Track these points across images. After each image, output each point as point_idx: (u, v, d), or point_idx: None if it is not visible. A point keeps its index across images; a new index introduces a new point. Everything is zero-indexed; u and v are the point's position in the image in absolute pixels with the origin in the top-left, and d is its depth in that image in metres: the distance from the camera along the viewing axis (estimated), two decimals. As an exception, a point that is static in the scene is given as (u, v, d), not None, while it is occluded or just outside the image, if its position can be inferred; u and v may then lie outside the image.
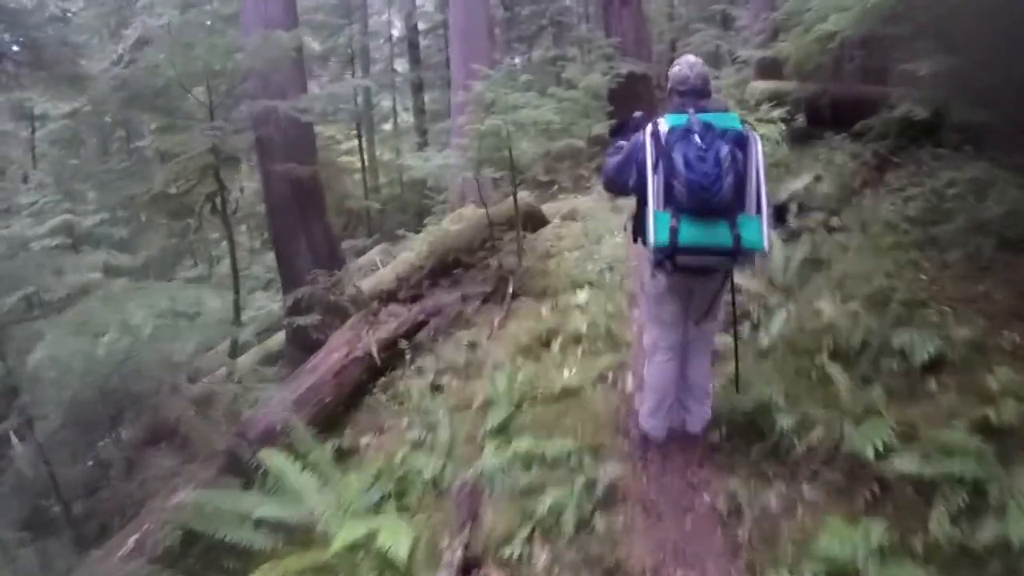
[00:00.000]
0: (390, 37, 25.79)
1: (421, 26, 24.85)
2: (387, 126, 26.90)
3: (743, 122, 3.60)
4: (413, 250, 10.16)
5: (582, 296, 7.23)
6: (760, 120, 9.79)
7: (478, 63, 12.03)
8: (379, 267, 11.55)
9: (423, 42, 25.01)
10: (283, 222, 9.70)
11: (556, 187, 15.21)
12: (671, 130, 3.50)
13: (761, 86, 10.65)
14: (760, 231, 3.48)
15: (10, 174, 16.32)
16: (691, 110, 3.57)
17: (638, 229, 3.85)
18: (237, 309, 8.69)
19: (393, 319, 8.28)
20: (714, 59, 19.98)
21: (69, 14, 16.93)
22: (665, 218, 3.44)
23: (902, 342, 4.52)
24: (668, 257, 3.56)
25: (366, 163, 22.35)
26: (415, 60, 23.84)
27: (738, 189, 3.40)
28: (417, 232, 12.45)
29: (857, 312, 5.03)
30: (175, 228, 12.09)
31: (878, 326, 4.77)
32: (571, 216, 11.59)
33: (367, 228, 19.80)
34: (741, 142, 3.44)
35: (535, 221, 10.43)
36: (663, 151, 3.44)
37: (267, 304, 12.14)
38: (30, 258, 6.98)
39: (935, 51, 7.29)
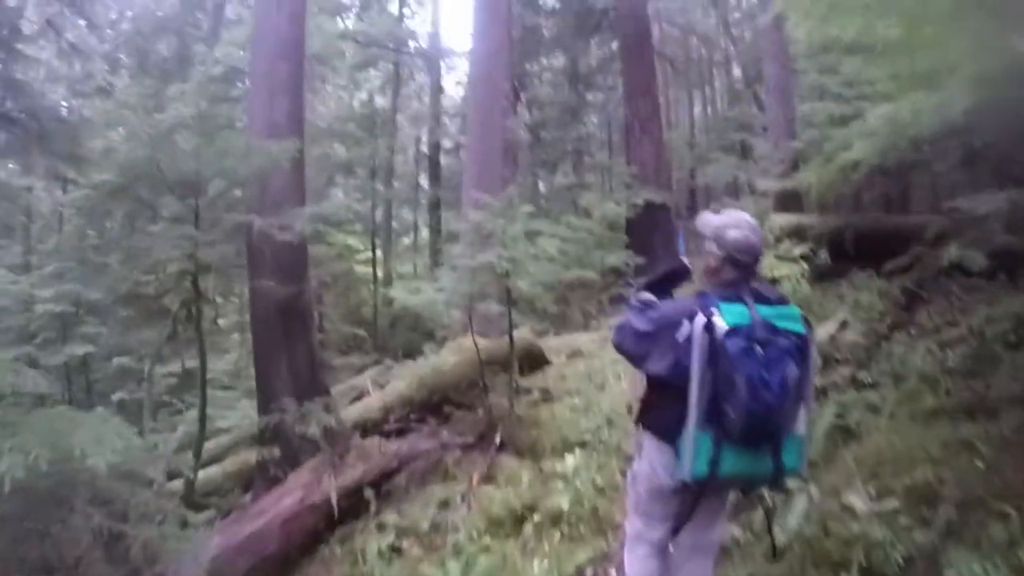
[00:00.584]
0: (417, 152, 25.68)
1: (445, 144, 24.75)
2: (407, 240, 26.72)
3: (804, 318, 2.95)
4: (404, 380, 9.42)
5: (570, 462, 6.21)
6: (781, 258, 8.96)
7: (490, 186, 11.57)
8: (370, 392, 10.82)
9: (444, 160, 24.92)
10: (265, 340, 9.07)
11: (565, 320, 14.27)
12: (731, 332, 2.72)
13: (781, 220, 9.87)
14: (801, 452, 2.93)
15: (36, 232, 16.20)
16: (748, 297, 2.88)
17: (652, 422, 3.16)
18: (203, 421, 8.00)
19: (361, 463, 7.37)
20: (733, 189, 19.50)
21: (111, 86, 16.97)
22: (707, 444, 2.77)
23: (958, 572, 3.40)
24: (704, 483, 2.86)
25: (380, 276, 22.02)
26: (435, 178, 23.77)
27: (795, 411, 2.85)
28: (420, 355, 11.66)
29: (896, 513, 3.96)
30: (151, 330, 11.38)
31: (925, 538, 3.69)
32: (576, 354, 10.71)
33: (373, 343, 19.07)
34: (804, 351, 2.83)
35: (534, 360, 9.56)
36: (720, 363, 2.72)
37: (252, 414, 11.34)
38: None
39: (993, 183, 6.63)
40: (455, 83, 27.62)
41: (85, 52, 17.34)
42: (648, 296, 3.26)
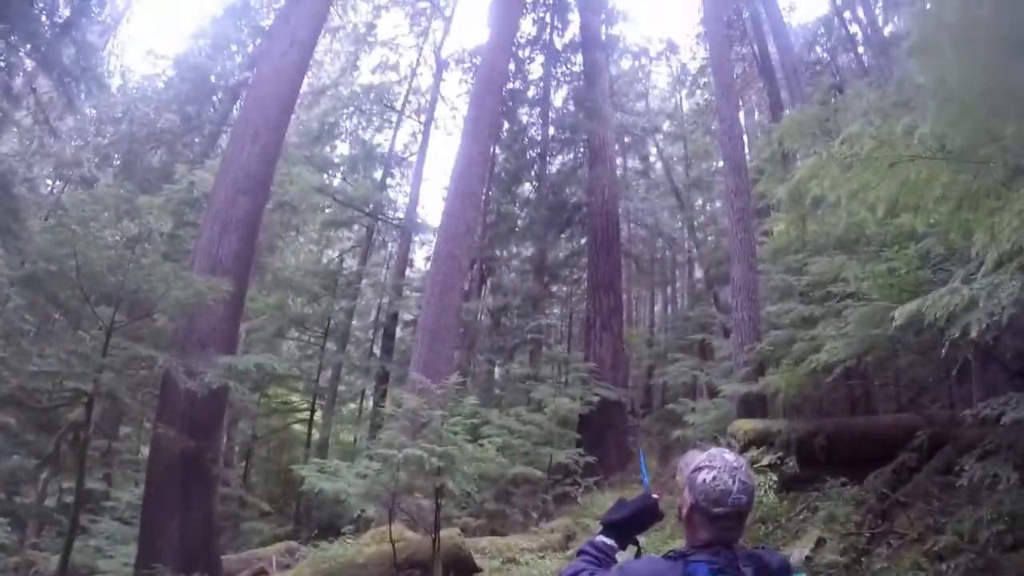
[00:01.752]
0: (376, 320, 24.92)
1: (405, 316, 24.03)
2: (354, 405, 25.44)
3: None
4: (311, 567, 8.03)
5: None
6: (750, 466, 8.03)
7: (438, 368, 10.81)
8: (273, 568, 9.46)
9: (401, 333, 24.17)
10: (158, 492, 8.09)
11: (504, 518, 12.93)
12: None
13: (746, 426, 9.04)
14: None
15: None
16: (740, 561, 1.97)
17: None
18: (66, 556, 6.76)
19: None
20: (691, 390, 18.75)
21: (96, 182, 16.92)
22: None
23: None
24: None
25: (317, 439, 20.58)
26: (387, 349, 22.73)
27: None
28: (339, 536, 10.31)
29: None
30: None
31: None
32: (510, 561, 9.41)
33: (295, 510, 17.54)
34: None
35: (461, 566, 8.22)
36: None
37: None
38: None
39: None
40: (424, 258, 27.41)
41: (63, 136, 17.12)
42: (608, 542, 2.27)
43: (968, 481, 5.39)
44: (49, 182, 19.11)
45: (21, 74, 11.67)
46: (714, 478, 2.04)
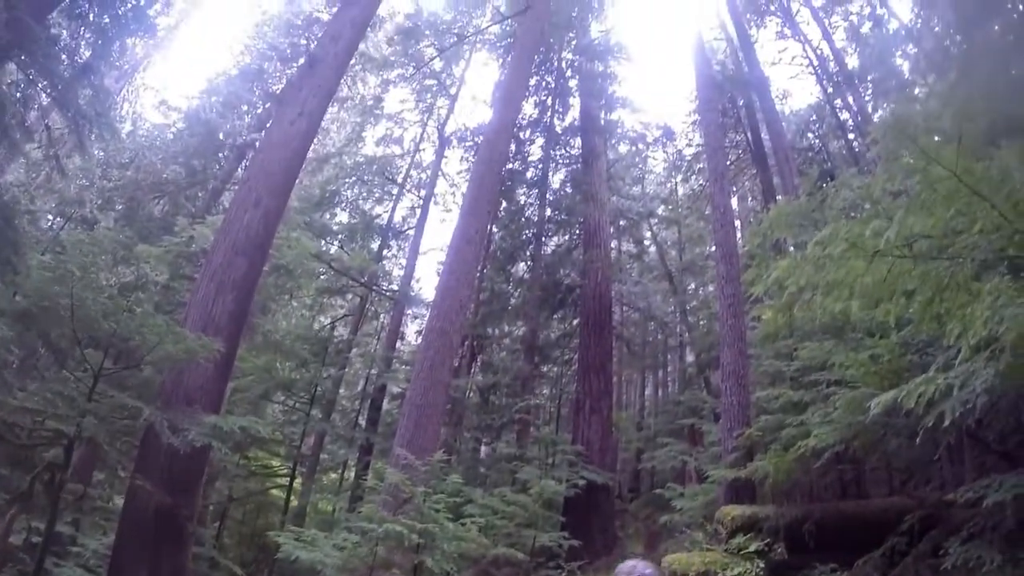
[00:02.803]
0: (363, 391, 24.72)
1: (393, 390, 23.94)
2: (335, 475, 25.08)
3: None
4: None
5: None
6: (733, 555, 8.05)
7: (423, 444, 10.82)
8: None
9: (388, 406, 23.88)
10: (129, 545, 7.86)
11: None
12: None
13: (734, 512, 9.06)
14: None
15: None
16: None
17: None
18: None
19: None
20: (680, 475, 18.69)
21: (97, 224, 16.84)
22: None
23: None
24: None
25: (295, 506, 20.11)
26: (373, 421, 22.46)
27: None
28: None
29: None
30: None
31: None
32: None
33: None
34: None
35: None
36: None
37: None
38: None
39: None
40: (416, 331, 27.58)
41: (69, 175, 17.29)
42: None
43: (952, 565, 5.45)
44: (50, 217, 19.23)
45: (36, 108, 11.95)
46: None
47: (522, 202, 25.45)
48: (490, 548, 12.61)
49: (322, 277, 22.62)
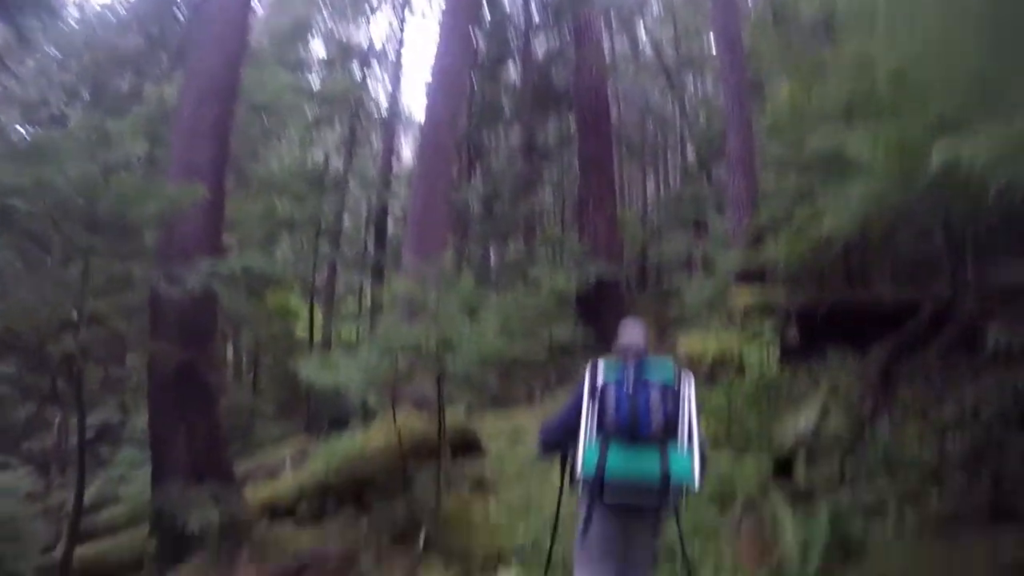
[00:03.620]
0: (367, 216, 24.47)
1: (396, 211, 23.69)
2: (352, 301, 25.37)
3: (675, 366, 3.56)
4: (323, 460, 8.15)
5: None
6: (748, 339, 7.90)
7: (431, 254, 10.51)
8: (287, 468, 9.60)
9: (394, 228, 23.74)
10: (161, 408, 7.94)
11: (507, 397, 12.96)
12: (607, 369, 3.51)
13: (745, 298, 8.93)
14: (690, 466, 3.25)
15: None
16: (630, 360, 3.52)
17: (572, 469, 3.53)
18: (80, 493, 6.53)
19: (254, 568, 6.02)
20: (687, 267, 18.62)
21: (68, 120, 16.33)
22: (595, 447, 3.31)
23: None
24: (597, 489, 3.33)
25: (320, 339, 20.68)
26: (380, 243, 22.38)
27: (669, 427, 3.32)
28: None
29: None
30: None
31: None
32: (517, 436, 9.43)
33: (306, 410, 17.44)
34: (672, 384, 3.43)
35: (469, 445, 8.24)
36: (599, 397, 3.42)
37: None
38: None
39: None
40: (411, 152, 26.68)
41: (26, 80, 16.26)
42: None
43: (992, 352, 5.27)
44: (18, 128, 17.98)
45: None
46: (625, 337, 3.79)
47: (507, 9, 23.64)
48: (508, 348, 12.72)
49: (308, 113, 21.61)
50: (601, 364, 3.54)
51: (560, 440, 3.65)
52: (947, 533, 4.27)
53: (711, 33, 18.35)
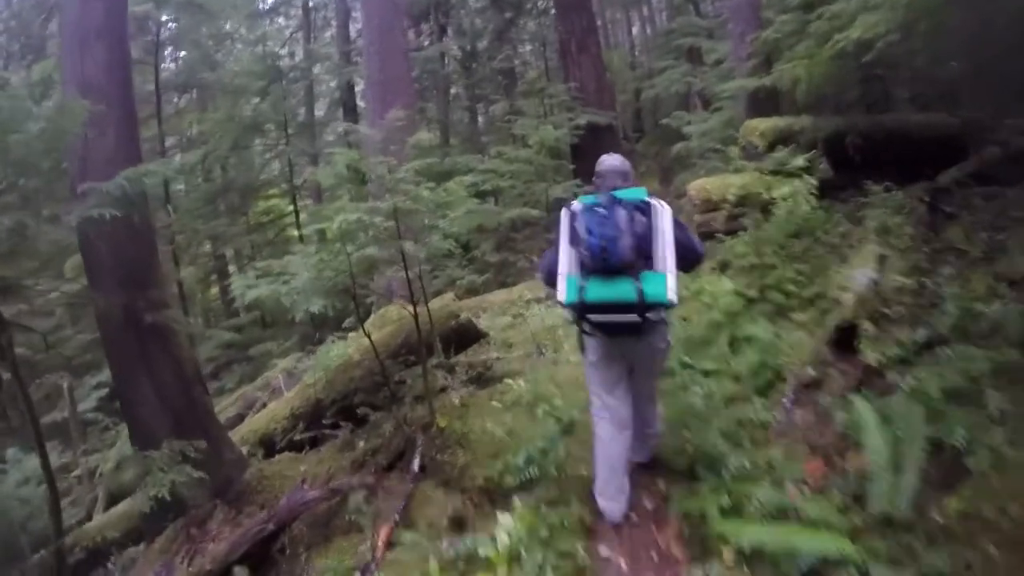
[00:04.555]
0: (337, 100, 22.28)
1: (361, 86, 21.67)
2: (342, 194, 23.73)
3: (649, 195, 3.53)
4: (312, 376, 7.09)
5: (506, 530, 3.63)
6: (777, 173, 6.50)
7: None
8: (282, 388, 8.59)
9: (361, 103, 21.70)
10: (119, 363, 6.68)
11: (508, 268, 11.71)
12: (583, 207, 3.51)
13: (763, 125, 7.41)
14: (664, 285, 3.34)
15: None
16: (604, 189, 3.61)
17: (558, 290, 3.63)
18: (48, 473, 5.44)
19: (228, 531, 4.99)
20: (684, 104, 16.83)
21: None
22: (574, 280, 3.48)
23: None
24: (580, 315, 3.53)
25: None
26: (355, 123, 20.52)
27: (640, 250, 3.37)
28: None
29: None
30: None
31: None
32: (520, 313, 8.28)
33: (309, 318, 16.29)
34: (643, 209, 3.44)
35: (464, 334, 7.03)
36: (574, 225, 3.47)
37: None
38: None
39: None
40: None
41: None
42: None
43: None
44: None
45: None
46: (605, 162, 3.79)
47: None
48: (502, 212, 11.47)
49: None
50: (576, 201, 3.60)
51: (554, 278, 3.61)
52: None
53: None
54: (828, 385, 4.25)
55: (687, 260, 3.52)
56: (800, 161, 6.44)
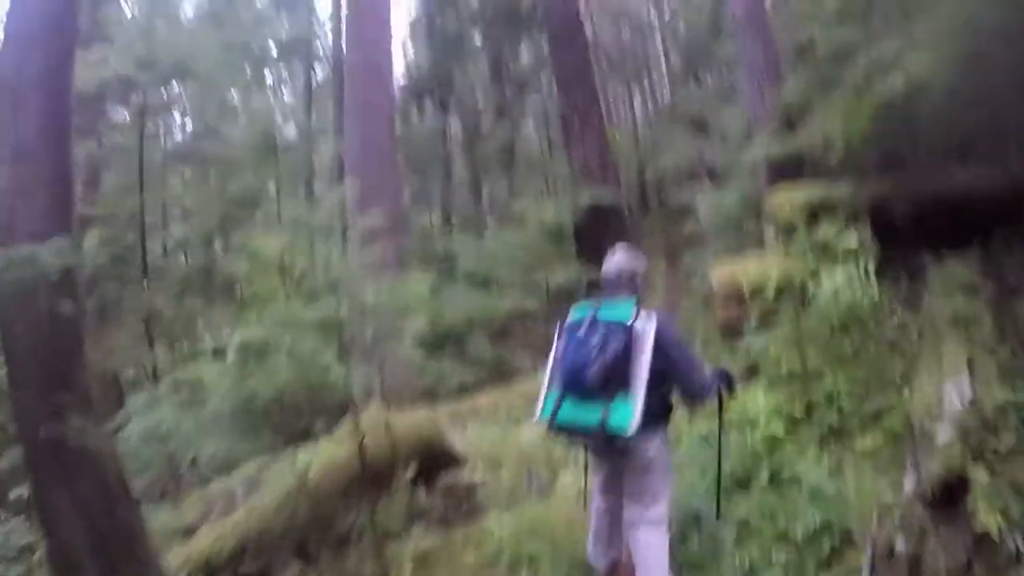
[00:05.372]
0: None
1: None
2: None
3: (637, 310, 3.24)
4: (273, 491, 5.73)
5: None
6: (824, 252, 5.22)
7: (378, 203, 8.08)
8: (239, 501, 7.04)
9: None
10: (36, 472, 5.39)
11: (504, 366, 10.31)
12: (569, 324, 3.38)
13: (791, 197, 6.12)
14: (628, 415, 3.07)
15: None
16: (599, 301, 3.45)
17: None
18: None
19: None
20: (691, 175, 15.68)
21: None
22: (552, 397, 3.33)
23: None
24: (553, 430, 3.42)
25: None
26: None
27: (614, 376, 3.12)
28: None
29: None
30: None
31: None
32: (512, 419, 7.00)
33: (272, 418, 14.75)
34: (623, 332, 3.16)
35: (438, 457, 5.70)
36: (559, 341, 3.40)
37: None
38: None
39: None
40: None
41: None
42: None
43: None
44: None
45: None
46: (606, 266, 3.55)
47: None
48: (495, 305, 10.27)
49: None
50: (573, 308, 3.50)
51: None
52: None
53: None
54: (927, 562, 2.88)
55: (684, 394, 3.33)
56: (852, 239, 5.06)
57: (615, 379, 3.14)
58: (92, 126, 12.81)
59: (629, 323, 3.20)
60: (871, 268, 4.75)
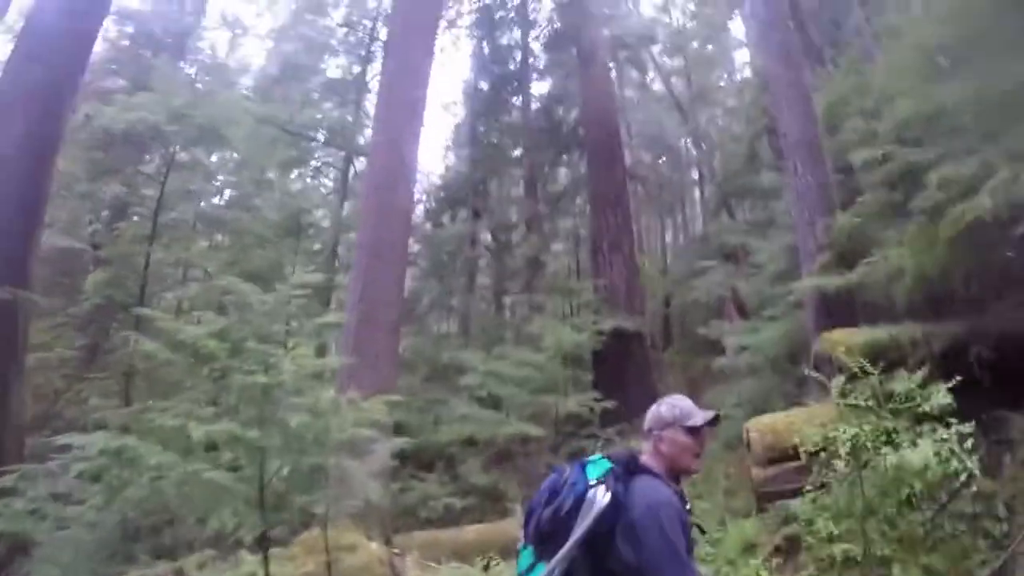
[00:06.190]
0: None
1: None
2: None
3: (606, 473, 2.48)
4: None
5: None
6: (899, 406, 4.17)
7: (383, 293, 7.38)
8: None
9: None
10: None
11: (501, 496, 9.02)
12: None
13: (848, 338, 5.09)
14: None
15: None
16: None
17: None
18: None
19: None
20: (718, 313, 14.65)
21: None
22: (525, 555, 2.56)
23: None
24: None
25: None
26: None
27: (550, 537, 2.44)
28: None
29: None
30: None
31: None
32: (496, 562, 5.84)
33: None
34: (576, 492, 2.48)
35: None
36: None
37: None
38: None
39: None
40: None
41: None
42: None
43: None
44: None
45: None
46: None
47: (504, 42, 20.64)
48: (498, 427, 9.20)
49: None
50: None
51: None
52: None
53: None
54: None
55: None
56: (941, 395, 3.89)
57: (555, 540, 2.49)
58: (121, 167, 12.50)
59: (583, 487, 2.53)
60: (958, 428, 3.66)
